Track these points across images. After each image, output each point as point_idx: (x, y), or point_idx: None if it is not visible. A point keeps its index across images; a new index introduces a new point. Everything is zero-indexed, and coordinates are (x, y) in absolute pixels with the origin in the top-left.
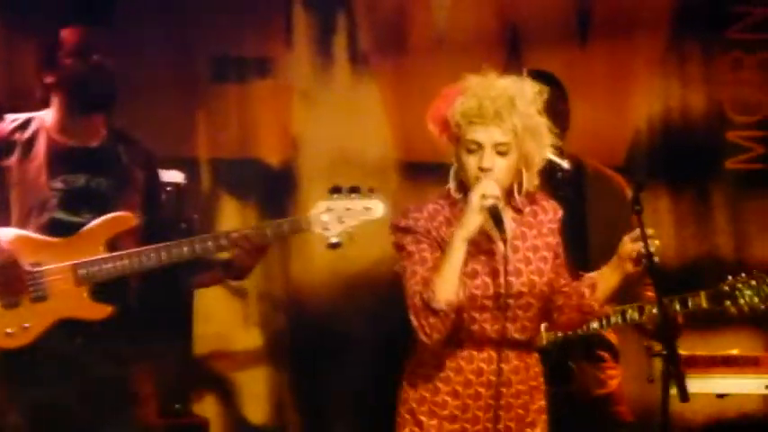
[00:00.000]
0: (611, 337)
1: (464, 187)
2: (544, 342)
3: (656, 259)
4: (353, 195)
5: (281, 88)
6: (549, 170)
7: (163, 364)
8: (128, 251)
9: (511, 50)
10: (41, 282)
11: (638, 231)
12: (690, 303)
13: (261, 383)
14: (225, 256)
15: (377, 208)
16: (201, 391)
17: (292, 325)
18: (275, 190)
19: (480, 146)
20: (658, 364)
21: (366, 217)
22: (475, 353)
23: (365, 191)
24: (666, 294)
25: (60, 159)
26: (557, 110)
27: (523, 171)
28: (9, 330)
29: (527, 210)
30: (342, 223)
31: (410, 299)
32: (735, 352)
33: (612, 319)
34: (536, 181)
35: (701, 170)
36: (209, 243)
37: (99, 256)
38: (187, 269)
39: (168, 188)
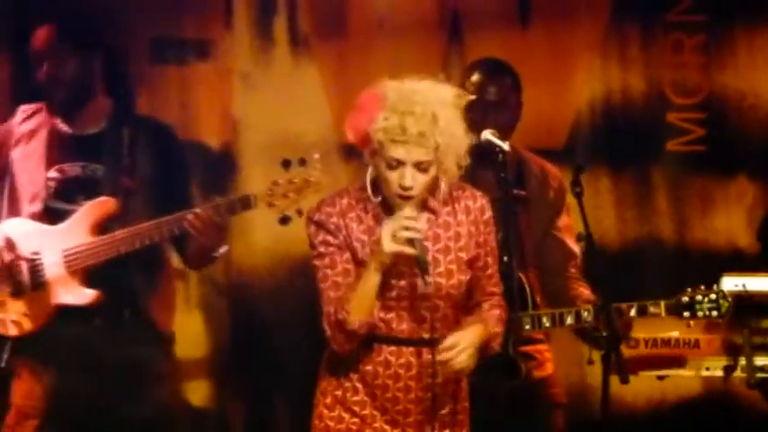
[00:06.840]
0: None
1: (382, 192)
2: None
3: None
4: (299, 169)
5: (221, 70)
6: (491, 152)
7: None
8: (109, 236)
9: (451, 33)
10: (40, 269)
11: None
12: (649, 312)
13: (202, 366)
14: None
15: (319, 179)
16: None
17: (234, 308)
18: (216, 172)
19: (402, 163)
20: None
21: (310, 189)
22: (384, 346)
23: (313, 161)
24: (611, 292)
25: (59, 149)
26: (510, 102)
27: (441, 178)
28: (14, 318)
29: (446, 209)
30: (286, 198)
31: (325, 306)
32: (675, 334)
33: (567, 320)
34: (455, 176)
35: (641, 152)
36: (174, 223)
37: (84, 242)
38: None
39: None
